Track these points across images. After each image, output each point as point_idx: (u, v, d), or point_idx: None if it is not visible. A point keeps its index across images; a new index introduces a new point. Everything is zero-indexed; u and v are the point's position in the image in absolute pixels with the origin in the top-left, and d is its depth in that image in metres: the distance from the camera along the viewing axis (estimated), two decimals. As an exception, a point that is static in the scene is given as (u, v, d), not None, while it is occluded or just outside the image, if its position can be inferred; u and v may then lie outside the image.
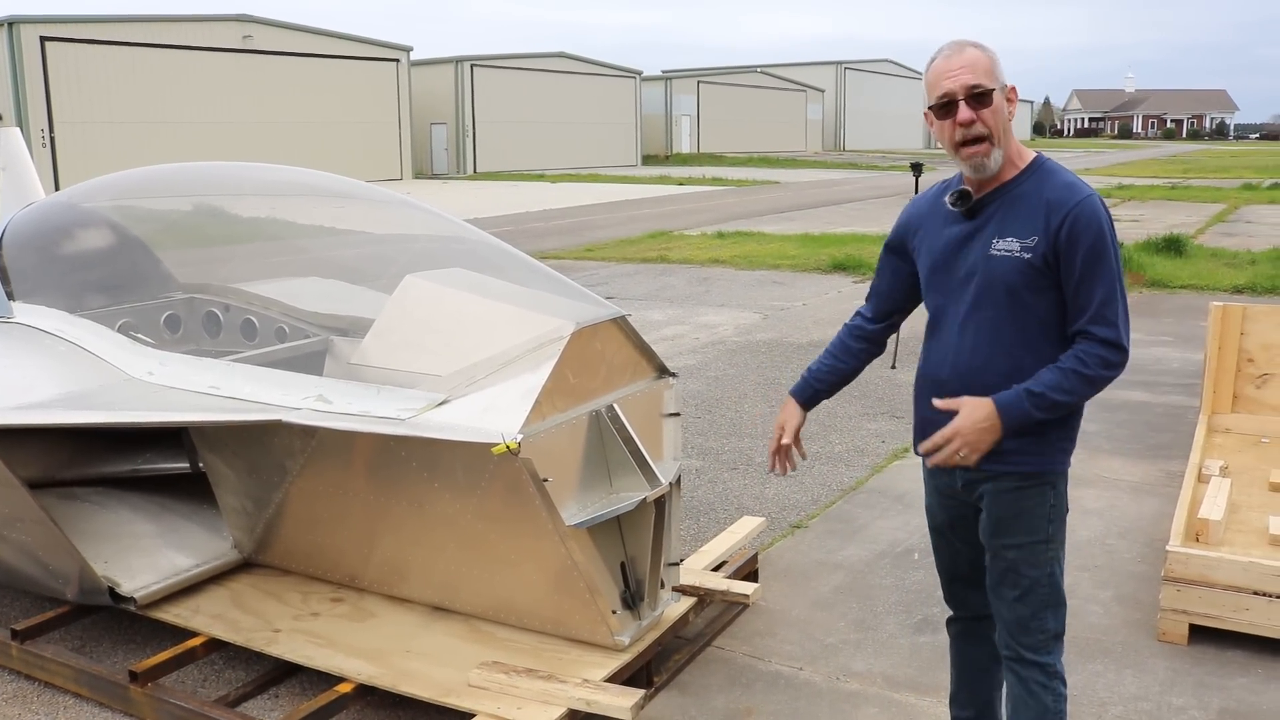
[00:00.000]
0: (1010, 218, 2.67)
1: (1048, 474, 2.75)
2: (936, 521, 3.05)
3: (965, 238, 2.74)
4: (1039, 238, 2.61)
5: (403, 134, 42.14)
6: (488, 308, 3.81)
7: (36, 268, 4.98)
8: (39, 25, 30.50)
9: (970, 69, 2.61)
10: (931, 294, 2.86)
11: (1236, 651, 4.08)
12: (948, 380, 2.76)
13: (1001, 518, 2.78)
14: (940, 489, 2.97)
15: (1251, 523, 4.69)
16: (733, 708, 3.76)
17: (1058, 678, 2.84)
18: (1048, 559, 2.79)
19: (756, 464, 6.50)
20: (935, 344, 2.85)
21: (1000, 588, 2.83)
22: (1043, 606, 2.80)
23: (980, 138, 2.62)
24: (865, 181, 38.69)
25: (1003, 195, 2.70)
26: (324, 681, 3.70)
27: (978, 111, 2.60)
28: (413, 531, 3.83)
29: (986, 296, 2.68)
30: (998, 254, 2.66)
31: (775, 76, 67.84)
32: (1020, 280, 2.63)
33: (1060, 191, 2.63)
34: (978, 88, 2.60)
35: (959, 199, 2.73)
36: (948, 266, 2.77)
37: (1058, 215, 2.60)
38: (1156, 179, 37.26)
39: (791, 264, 15.60)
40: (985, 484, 2.78)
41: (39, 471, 4.50)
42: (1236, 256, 15.20)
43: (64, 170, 29.95)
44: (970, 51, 2.63)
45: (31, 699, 3.84)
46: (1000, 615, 2.86)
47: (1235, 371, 6.22)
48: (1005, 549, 2.79)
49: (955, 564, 3.06)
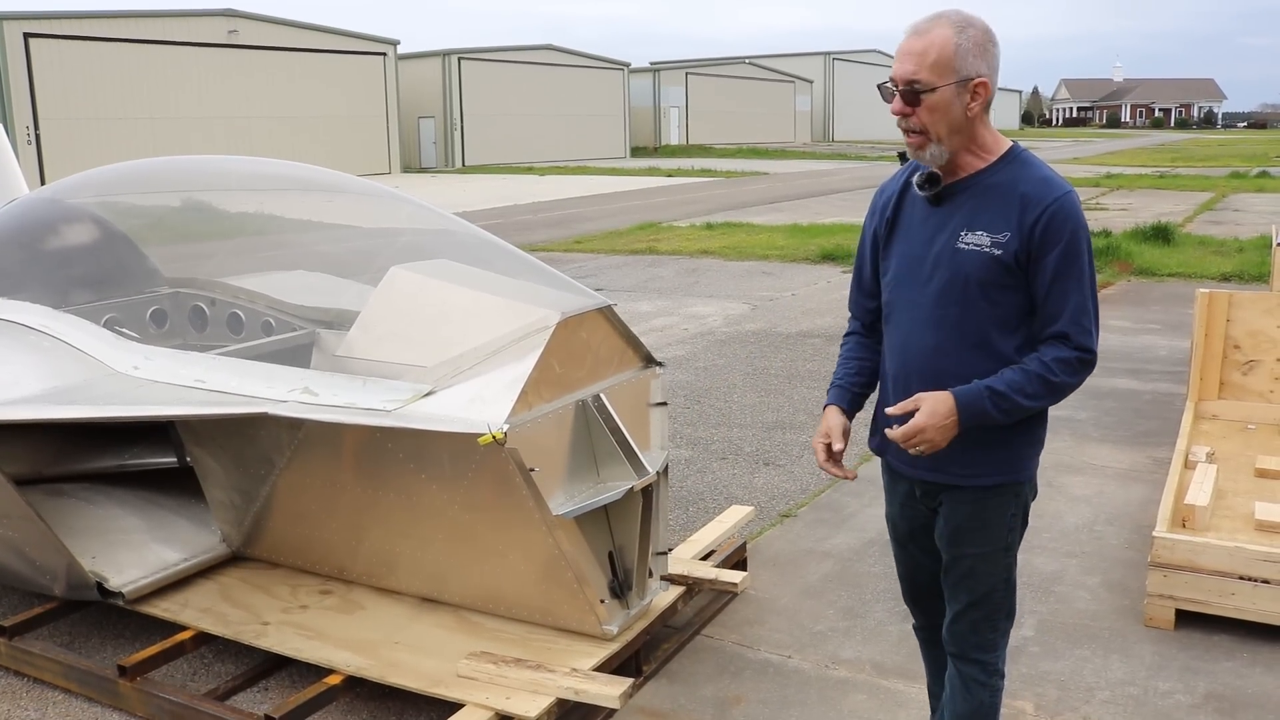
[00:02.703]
0: (981, 210, 2.50)
1: (1012, 484, 2.65)
2: (898, 532, 2.91)
3: (932, 227, 2.57)
4: (1011, 233, 2.45)
5: (390, 128, 42.01)
6: (473, 298, 3.81)
7: (21, 263, 4.96)
8: (23, 21, 30.30)
9: (917, 59, 2.40)
10: (890, 282, 2.69)
11: (1223, 636, 4.10)
12: (901, 377, 2.64)
13: (961, 527, 2.68)
14: (900, 495, 2.84)
15: (1238, 508, 4.71)
16: (722, 696, 3.77)
17: (997, 674, 2.81)
18: (1005, 565, 2.71)
19: (745, 454, 6.51)
20: (893, 337, 2.69)
21: (956, 589, 2.75)
22: (996, 610, 2.75)
23: (914, 131, 2.47)
24: (854, 172, 38.70)
25: (973, 185, 2.53)
26: (313, 674, 3.70)
27: (912, 108, 2.43)
28: (400, 523, 3.83)
29: (950, 292, 2.52)
30: (965, 248, 2.50)
31: (763, 68, 67.78)
32: (988, 277, 2.48)
33: (1036, 186, 2.47)
34: (915, 83, 2.41)
35: (927, 181, 2.56)
36: (910, 255, 2.62)
37: (1033, 211, 2.44)
38: (1145, 168, 37.37)
39: (780, 254, 15.60)
40: (944, 493, 2.68)
41: (25, 468, 4.48)
42: (1224, 244, 15.25)
43: (49, 167, 29.79)
44: (936, 34, 2.40)
45: (20, 695, 3.84)
46: (952, 612, 2.79)
47: (1222, 358, 6.24)
48: (964, 556, 2.70)
49: (916, 575, 2.95)
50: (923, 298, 2.57)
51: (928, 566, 2.88)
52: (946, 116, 2.43)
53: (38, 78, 30.54)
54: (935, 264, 2.55)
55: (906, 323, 2.63)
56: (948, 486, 2.66)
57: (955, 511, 2.67)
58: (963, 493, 2.65)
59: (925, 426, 2.45)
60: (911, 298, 2.61)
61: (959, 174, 2.54)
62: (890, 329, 2.71)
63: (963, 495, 2.65)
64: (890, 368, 2.71)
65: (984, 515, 2.65)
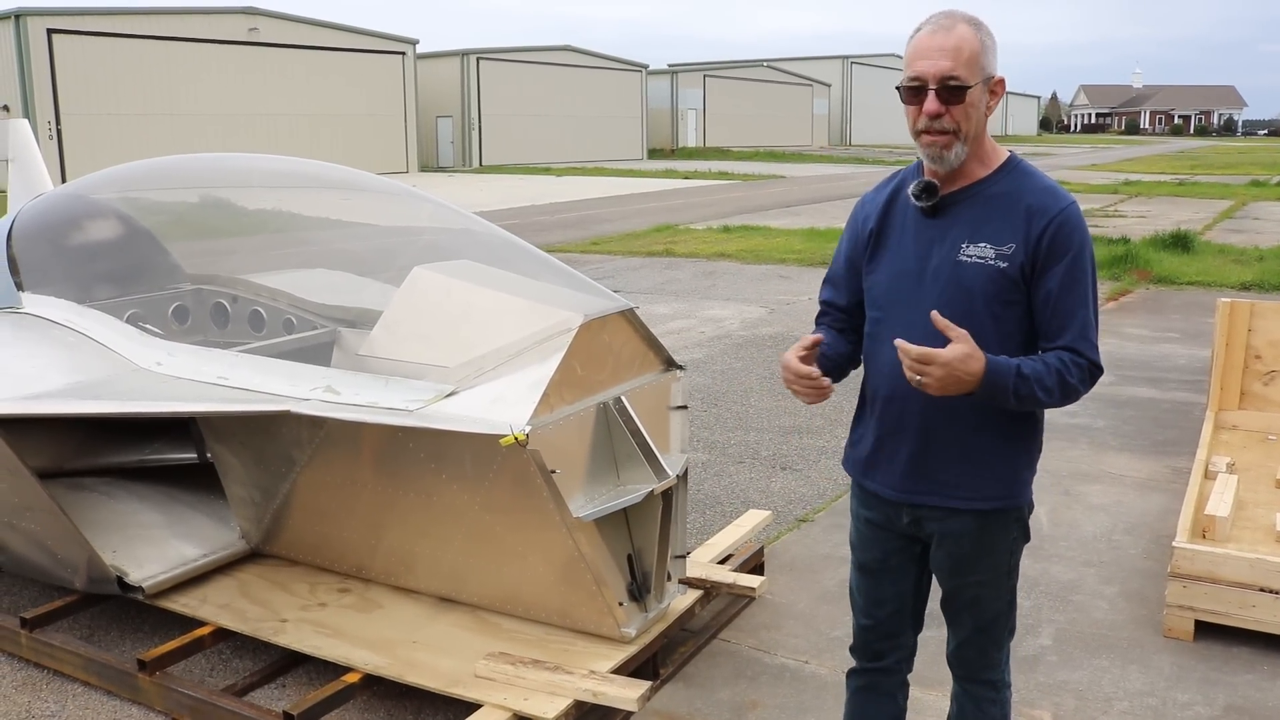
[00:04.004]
0: (983, 221, 2.40)
1: (1012, 509, 2.54)
2: (865, 558, 2.74)
3: (926, 240, 2.46)
4: (1016, 245, 2.36)
5: (408, 127, 42.15)
6: (496, 300, 3.82)
7: (46, 259, 4.99)
8: (46, 18, 30.57)
9: (952, 55, 2.30)
10: (880, 299, 2.54)
11: (1242, 648, 4.08)
12: (896, 399, 2.49)
13: (963, 556, 2.56)
14: (877, 522, 2.67)
15: (1258, 519, 4.69)
16: (738, 700, 3.77)
17: (1006, 686, 2.77)
18: (1009, 587, 2.64)
19: (763, 458, 6.51)
20: (883, 356, 2.49)
21: (959, 616, 2.67)
22: (1001, 631, 2.68)
23: (945, 131, 2.34)
24: (871, 176, 38.59)
25: (973, 195, 2.43)
26: (331, 671, 3.71)
27: (948, 106, 2.32)
28: (420, 523, 3.84)
29: (951, 307, 2.35)
30: (968, 260, 2.39)
31: (781, 70, 67.75)
32: (992, 290, 2.37)
33: (1041, 196, 2.38)
34: (953, 80, 2.30)
35: (924, 191, 2.43)
36: (902, 270, 2.48)
37: (1039, 222, 2.35)
38: (1164, 175, 37.19)
39: (797, 258, 15.59)
40: (938, 520, 2.54)
41: (48, 461, 4.51)
42: (1244, 253, 15.18)
43: (70, 162, 30.01)
44: (960, 31, 2.31)
45: (41, 687, 3.86)
46: (957, 639, 2.72)
47: (1242, 368, 6.21)
48: (967, 585, 2.60)
49: (877, 608, 2.76)
50: (919, 314, 2.37)
51: (893, 601, 2.74)
52: (975, 115, 2.36)
53: (60, 73, 30.78)
54: (934, 278, 2.43)
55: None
56: (944, 512, 2.53)
57: (956, 541, 2.55)
58: (961, 518, 2.53)
59: (949, 361, 2.22)
60: (905, 315, 2.45)
61: (959, 183, 2.44)
62: (878, 348, 2.53)
63: (963, 521, 2.53)
64: (880, 390, 2.54)
65: (986, 541, 2.55)
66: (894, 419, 2.52)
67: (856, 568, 2.80)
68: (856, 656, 2.89)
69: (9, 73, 30.47)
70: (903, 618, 2.77)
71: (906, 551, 2.68)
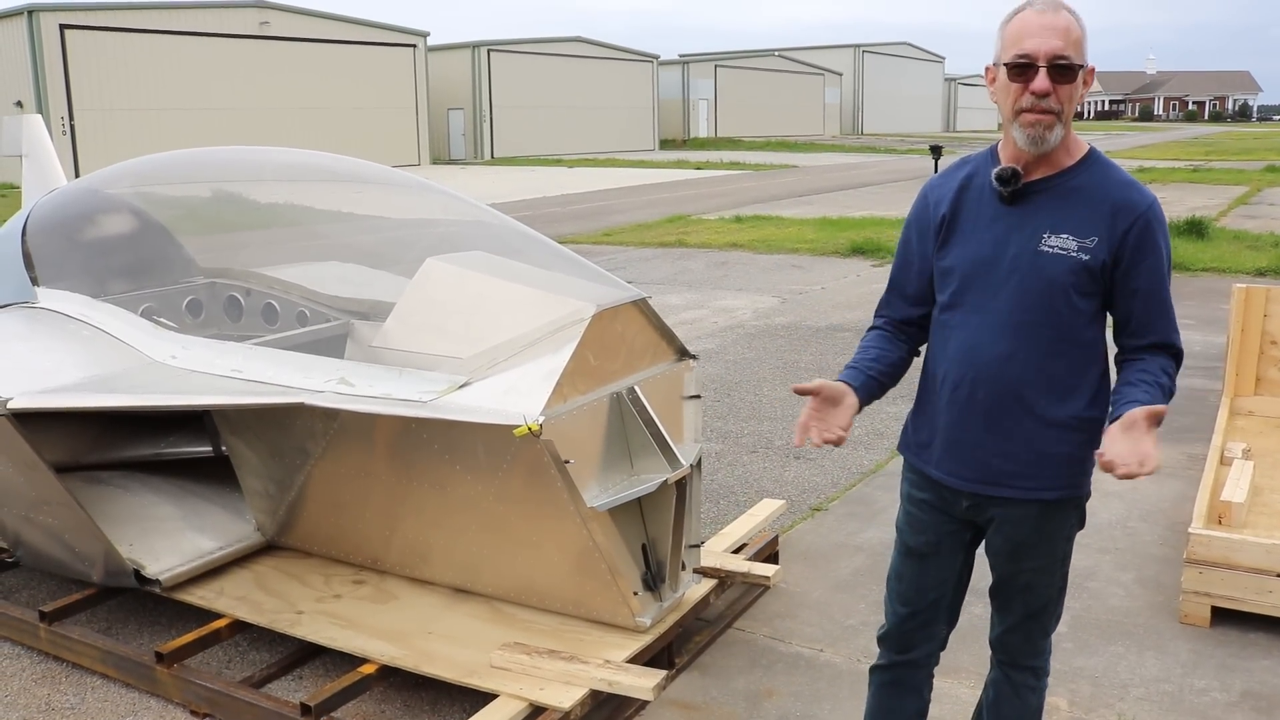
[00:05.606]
0: (1066, 212, 2.40)
1: (1073, 499, 2.55)
2: (916, 541, 2.70)
3: (1004, 227, 2.44)
4: (1099, 239, 2.37)
5: (420, 119, 42.15)
6: (509, 290, 3.82)
7: (60, 253, 5.01)
8: (58, 13, 30.66)
9: (1063, 35, 2.29)
10: (954, 286, 2.51)
11: (1259, 634, 4.06)
12: (971, 384, 2.47)
13: (1022, 542, 2.57)
14: (933, 504, 2.65)
15: (1274, 505, 4.67)
16: (753, 689, 3.77)
17: (1046, 674, 2.77)
18: (1062, 574, 2.65)
19: (776, 447, 6.50)
20: (955, 343, 2.51)
21: (1011, 603, 2.67)
22: (1050, 618, 2.69)
23: (1050, 110, 2.32)
24: (883, 165, 38.50)
25: (1055, 186, 2.42)
26: (347, 663, 3.73)
27: (1057, 86, 2.31)
28: (434, 514, 3.85)
29: (1029, 297, 2.39)
30: (1049, 250, 2.38)
31: (793, 60, 67.51)
32: (1072, 281, 2.38)
33: (1126, 192, 2.40)
34: (1064, 59, 2.30)
35: (1011, 177, 2.41)
36: (977, 257, 2.46)
37: (1125, 218, 2.37)
38: (1178, 161, 36.95)
39: (810, 248, 15.56)
40: (999, 507, 2.54)
41: (65, 455, 4.54)
42: (1259, 239, 15.08)
43: (84, 157, 30.12)
44: (1065, 16, 2.32)
45: (60, 679, 3.89)
46: (1005, 625, 2.71)
47: (1258, 354, 6.18)
48: (1022, 571, 2.61)
49: (919, 596, 2.73)
50: (996, 302, 2.42)
51: (936, 586, 2.72)
52: (1075, 99, 2.37)
53: (73, 69, 30.89)
54: (1012, 267, 2.42)
55: (974, 328, 2.47)
56: (1005, 500, 2.53)
57: (1015, 527, 2.55)
58: (1024, 507, 2.52)
59: (1146, 450, 2.22)
60: (980, 302, 2.46)
61: (1043, 171, 2.43)
62: (949, 334, 2.53)
63: (1025, 509, 2.52)
64: (950, 374, 2.52)
65: (1046, 529, 2.55)
66: (960, 407, 2.51)
67: (904, 552, 2.75)
68: (886, 647, 2.85)
69: (22, 68, 30.59)
70: (941, 608, 2.75)
71: (958, 537, 2.67)
